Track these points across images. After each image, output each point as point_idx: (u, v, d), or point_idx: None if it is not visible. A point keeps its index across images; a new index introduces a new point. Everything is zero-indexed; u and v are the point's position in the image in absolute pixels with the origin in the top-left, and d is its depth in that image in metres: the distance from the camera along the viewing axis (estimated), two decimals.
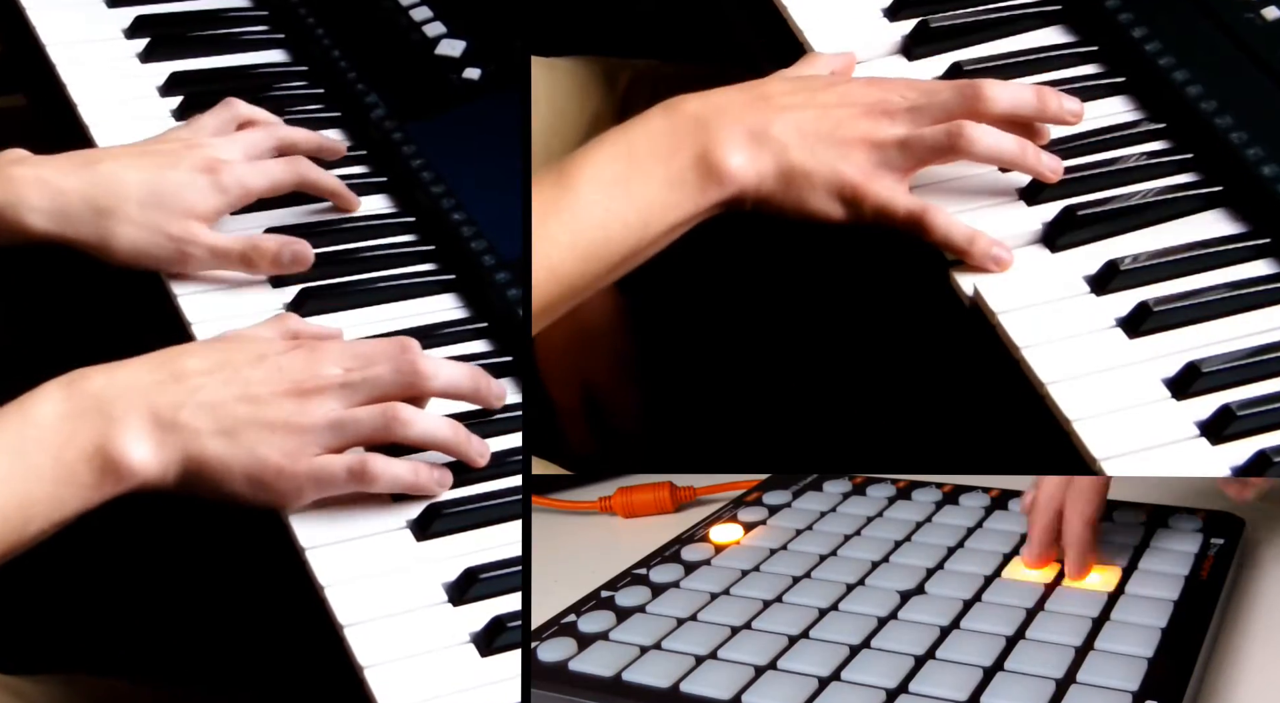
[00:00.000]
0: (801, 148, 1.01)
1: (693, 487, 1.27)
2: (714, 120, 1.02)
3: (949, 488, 1.20)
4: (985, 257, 1.02)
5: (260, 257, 1.08)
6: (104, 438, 0.92)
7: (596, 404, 1.34)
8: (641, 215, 1.00)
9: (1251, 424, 0.94)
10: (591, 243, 0.99)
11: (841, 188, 1.02)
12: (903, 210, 1.02)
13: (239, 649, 1.12)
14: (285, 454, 0.94)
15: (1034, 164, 1.05)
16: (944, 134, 1.02)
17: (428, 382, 0.98)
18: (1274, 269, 1.02)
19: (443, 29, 1.28)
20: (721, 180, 1.01)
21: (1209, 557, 1.05)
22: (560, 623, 0.95)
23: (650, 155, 1.01)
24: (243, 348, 0.98)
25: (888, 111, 1.03)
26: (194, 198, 1.08)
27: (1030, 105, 1.05)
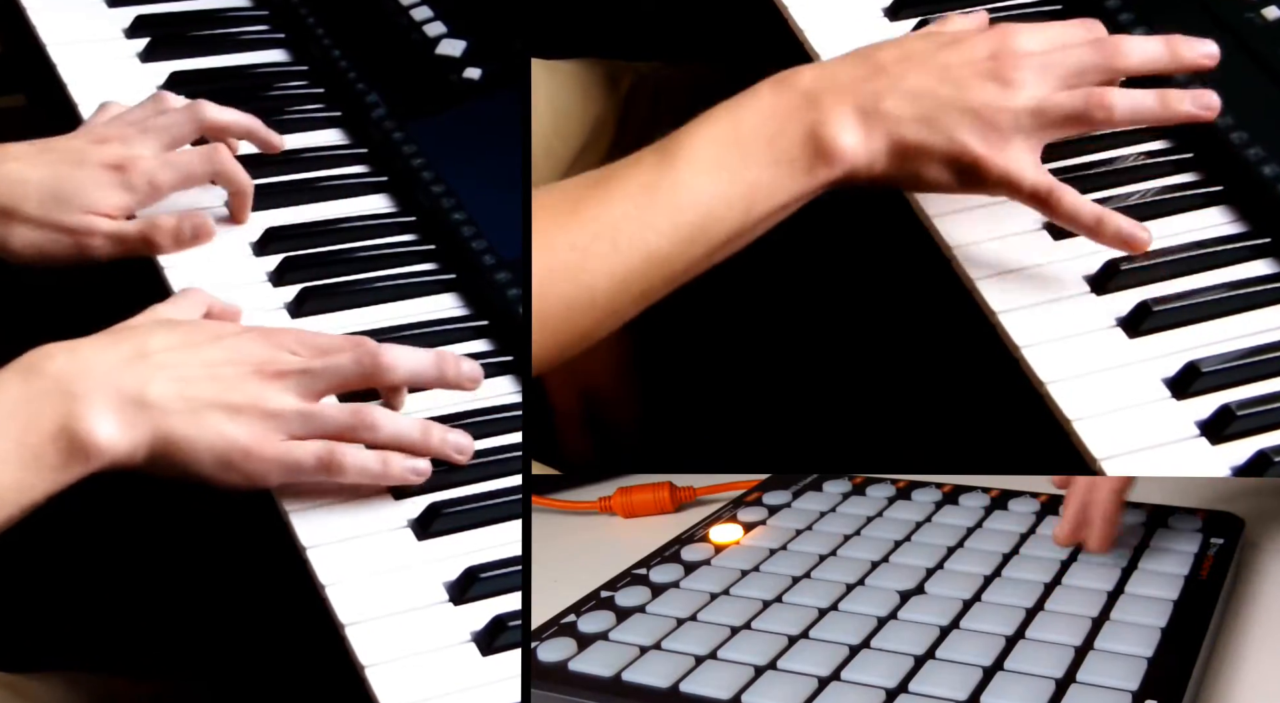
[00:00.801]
0: (918, 120, 0.97)
1: (693, 487, 1.27)
2: (824, 96, 0.98)
3: (949, 488, 1.20)
4: (1116, 237, 0.99)
5: (160, 234, 1.08)
6: (69, 417, 0.91)
7: (595, 409, 1.34)
8: (746, 197, 0.97)
9: (1251, 424, 0.94)
10: (693, 225, 0.96)
11: (961, 159, 0.98)
12: (1029, 184, 0.98)
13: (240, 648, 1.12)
14: (253, 436, 0.93)
15: (1185, 109, 1.01)
16: (1081, 101, 0.99)
17: (390, 372, 0.98)
18: (1274, 269, 1.03)
19: (443, 29, 1.28)
20: (831, 160, 0.97)
21: (1209, 557, 1.05)
22: (560, 623, 0.95)
23: (757, 134, 0.97)
24: (199, 326, 0.98)
25: (1016, 67, 0.98)
26: (97, 195, 1.07)
27: (1163, 56, 1.02)
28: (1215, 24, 1.12)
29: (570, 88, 1.33)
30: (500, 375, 1.05)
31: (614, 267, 0.95)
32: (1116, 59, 1.00)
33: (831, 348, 1.36)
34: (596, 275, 0.95)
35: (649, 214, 0.96)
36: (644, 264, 0.96)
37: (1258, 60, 1.10)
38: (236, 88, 1.25)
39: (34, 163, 1.08)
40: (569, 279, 0.95)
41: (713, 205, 0.96)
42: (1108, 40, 1.01)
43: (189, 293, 1.04)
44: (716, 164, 0.97)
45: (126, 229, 1.08)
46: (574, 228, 0.95)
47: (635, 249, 0.95)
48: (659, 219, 0.96)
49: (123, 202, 1.08)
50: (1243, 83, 1.09)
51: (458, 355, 1.01)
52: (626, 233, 0.95)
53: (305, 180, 1.17)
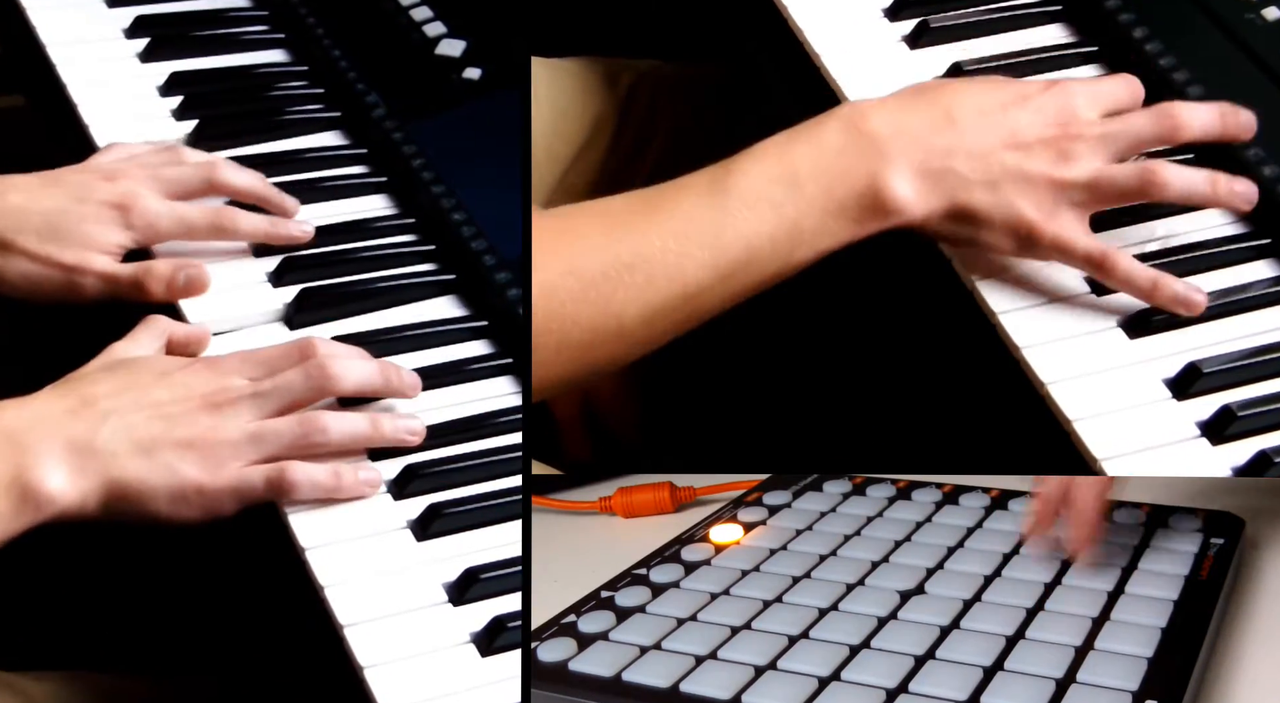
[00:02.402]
0: (981, 186, 0.97)
1: (693, 487, 1.27)
2: (890, 145, 0.96)
3: (949, 488, 1.20)
4: (1172, 301, 0.98)
5: (153, 282, 1.07)
6: (19, 469, 0.92)
7: (595, 410, 1.34)
8: (792, 239, 0.95)
9: (1252, 424, 0.94)
10: (733, 262, 0.95)
11: (1018, 228, 0.97)
12: (1082, 251, 0.98)
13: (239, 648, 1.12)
14: (205, 470, 0.94)
15: (1229, 198, 1.01)
16: (1135, 177, 0.99)
17: (338, 383, 0.98)
18: (1274, 271, 1.03)
19: (443, 29, 1.28)
20: (886, 214, 0.96)
21: (1209, 557, 1.05)
22: (560, 623, 0.95)
23: (814, 178, 0.95)
24: (144, 367, 0.98)
25: (1077, 138, 0.98)
26: (96, 232, 1.07)
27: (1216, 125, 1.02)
28: (1215, 24, 1.12)
29: (569, 86, 1.33)
30: (500, 376, 1.05)
31: (647, 298, 0.94)
32: (1177, 133, 1.01)
33: (831, 348, 1.36)
34: (627, 305, 0.94)
35: (691, 247, 0.94)
36: (679, 297, 0.95)
37: (1258, 60, 1.10)
38: (236, 88, 1.25)
39: (37, 196, 1.07)
40: (597, 307, 0.94)
41: (756, 244, 0.95)
42: (1166, 112, 1.00)
43: (147, 324, 1.03)
44: (768, 202, 0.95)
45: (120, 272, 1.07)
46: (608, 255, 0.94)
47: (671, 282, 0.94)
48: (700, 254, 0.94)
49: (121, 240, 1.08)
50: (1243, 83, 1.09)
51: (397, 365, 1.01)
52: (663, 265, 0.94)
53: (305, 181, 1.17)
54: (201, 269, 1.08)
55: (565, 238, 0.95)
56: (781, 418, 1.37)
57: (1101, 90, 1.02)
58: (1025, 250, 0.99)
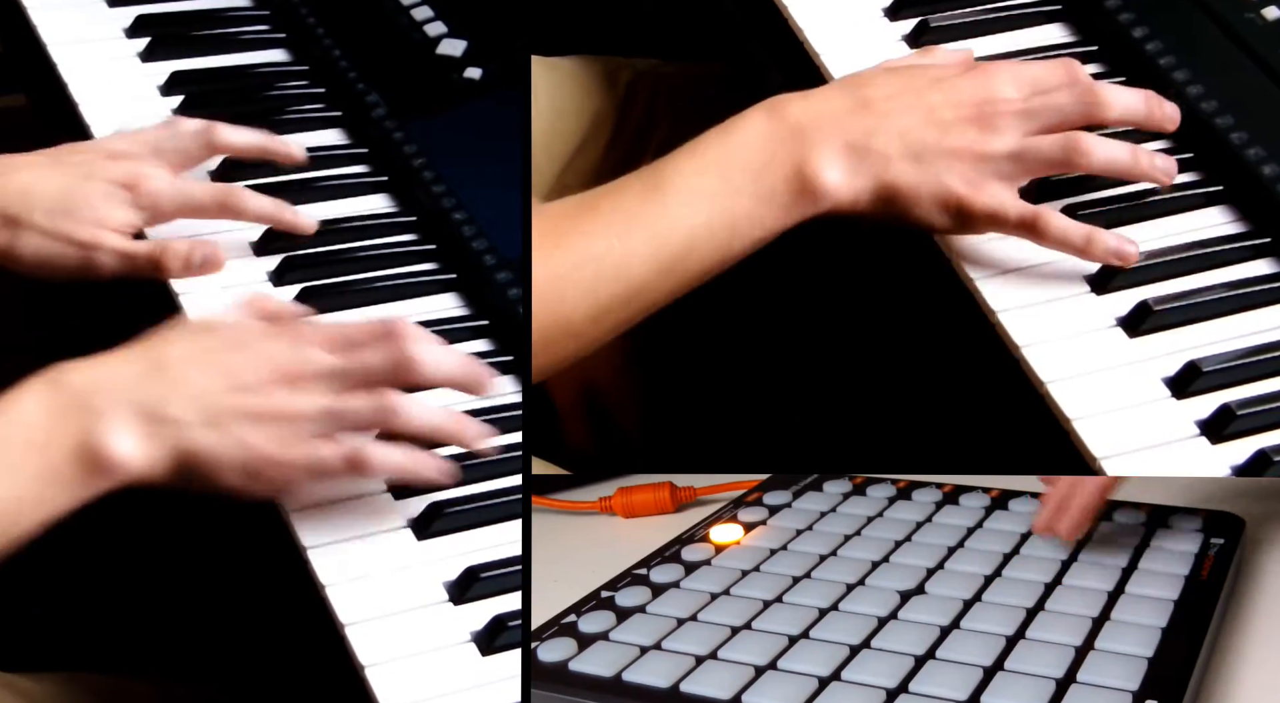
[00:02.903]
0: (904, 161, 0.98)
1: (693, 487, 1.27)
2: (812, 131, 0.98)
3: (949, 488, 1.20)
4: (1107, 253, 1.00)
5: (170, 258, 1.07)
6: (88, 434, 0.90)
7: (597, 404, 1.34)
8: (729, 228, 0.97)
9: (1251, 423, 0.94)
10: (674, 255, 0.97)
11: (947, 200, 0.99)
12: (1014, 217, 0.99)
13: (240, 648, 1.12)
14: (277, 443, 0.92)
15: (1149, 171, 1.02)
16: (1059, 147, 1.00)
17: (420, 368, 0.96)
18: (1274, 269, 1.03)
19: (443, 29, 1.28)
20: (815, 197, 0.98)
21: (1209, 557, 1.05)
22: (560, 623, 0.95)
23: (743, 167, 0.97)
24: (224, 335, 0.96)
25: (998, 113, 0.99)
26: (104, 210, 1.06)
27: (1139, 111, 1.04)
28: (1215, 24, 1.12)
29: (569, 85, 1.33)
30: (500, 375, 1.04)
31: (595, 297, 0.96)
32: (1096, 109, 1.02)
33: (831, 348, 1.36)
34: (575, 306, 0.96)
35: (631, 243, 0.96)
36: (624, 294, 0.96)
37: (1258, 60, 1.10)
38: (236, 88, 1.25)
39: (43, 174, 1.07)
40: (546, 309, 0.96)
41: (695, 235, 0.97)
42: (1090, 88, 1.02)
43: (250, 298, 1.02)
44: (701, 194, 0.97)
45: (136, 248, 1.06)
46: (555, 257, 0.96)
47: (617, 280, 0.96)
48: (642, 248, 0.96)
49: (129, 219, 1.07)
50: (1243, 83, 1.09)
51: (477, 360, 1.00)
52: (609, 263, 0.96)
53: (305, 180, 1.17)
54: (215, 248, 1.08)
55: None
56: (781, 418, 1.37)
57: (1025, 72, 1.02)
58: (959, 225, 1.00)
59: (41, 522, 0.91)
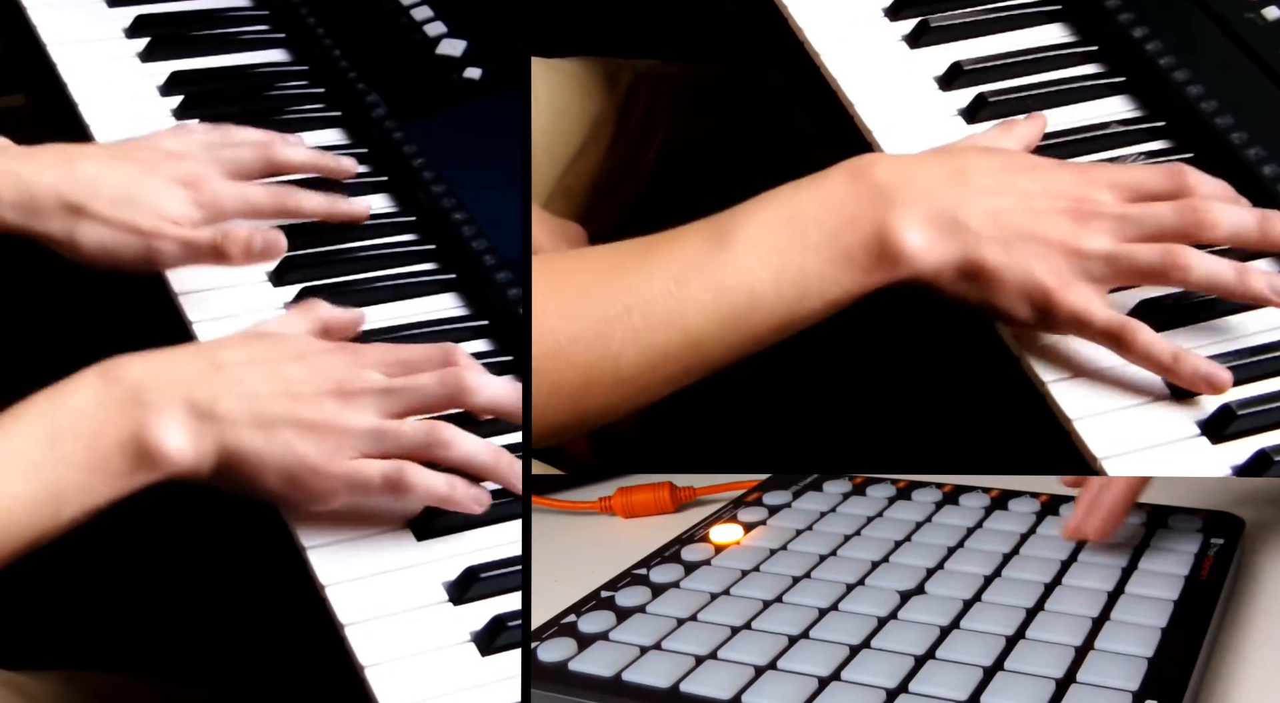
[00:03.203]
0: (995, 241, 0.93)
1: (693, 487, 1.27)
2: (900, 194, 0.94)
3: (949, 488, 1.20)
4: (1194, 377, 0.94)
5: (232, 245, 1.07)
6: (139, 426, 0.91)
7: None
8: (797, 287, 0.93)
9: (1252, 423, 0.94)
10: (734, 308, 0.93)
11: (1034, 292, 0.94)
12: (1100, 323, 0.94)
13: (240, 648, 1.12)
14: (322, 454, 0.93)
15: (1259, 291, 0.96)
16: (1157, 258, 0.94)
17: (472, 396, 0.96)
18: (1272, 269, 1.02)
19: (443, 29, 1.28)
20: (895, 264, 0.93)
21: (1209, 557, 1.04)
22: (560, 623, 0.95)
23: (819, 224, 0.93)
24: (282, 344, 0.97)
25: (1095, 213, 0.95)
26: (166, 203, 1.07)
27: (1252, 233, 0.97)
28: (1215, 24, 1.12)
29: (569, 86, 1.33)
30: (500, 375, 1.04)
31: (646, 341, 0.93)
32: (1203, 230, 0.96)
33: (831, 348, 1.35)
34: (625, 347, 0.92)
35: (690, 290, 0.92)
36: (679, 343, 0.93)
37: (1258, 60, 1.10)
38: (236, 88, 1.25)
39: (107, 165, 1.08)
40: (595, 349, 0.92)
41: (760, 290, 0.93)
42: (1196, 207, 0.96)
43: (304, 306, 1.03)
44: (770, 248, 0.93)
45: (198, 236, 1.07)
46: (607, 297, 0.93)
47: (672, 327, 0.92)
48: (700, 297, 0.92)
49: (190, 214, 1.08)
50: (1243, 83, 1.09)
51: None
52: (663, 308, 0.92)
53: (305, 180, 1.17)
54: (278, 234, 1.08)
55: (563, 278, 0.94)
56: (781, 418, 1.37)
57: (1127, 176, 0.98)
58: (1041, 320, 0.95)
59: (86, 511, 0.91)
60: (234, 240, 1.07)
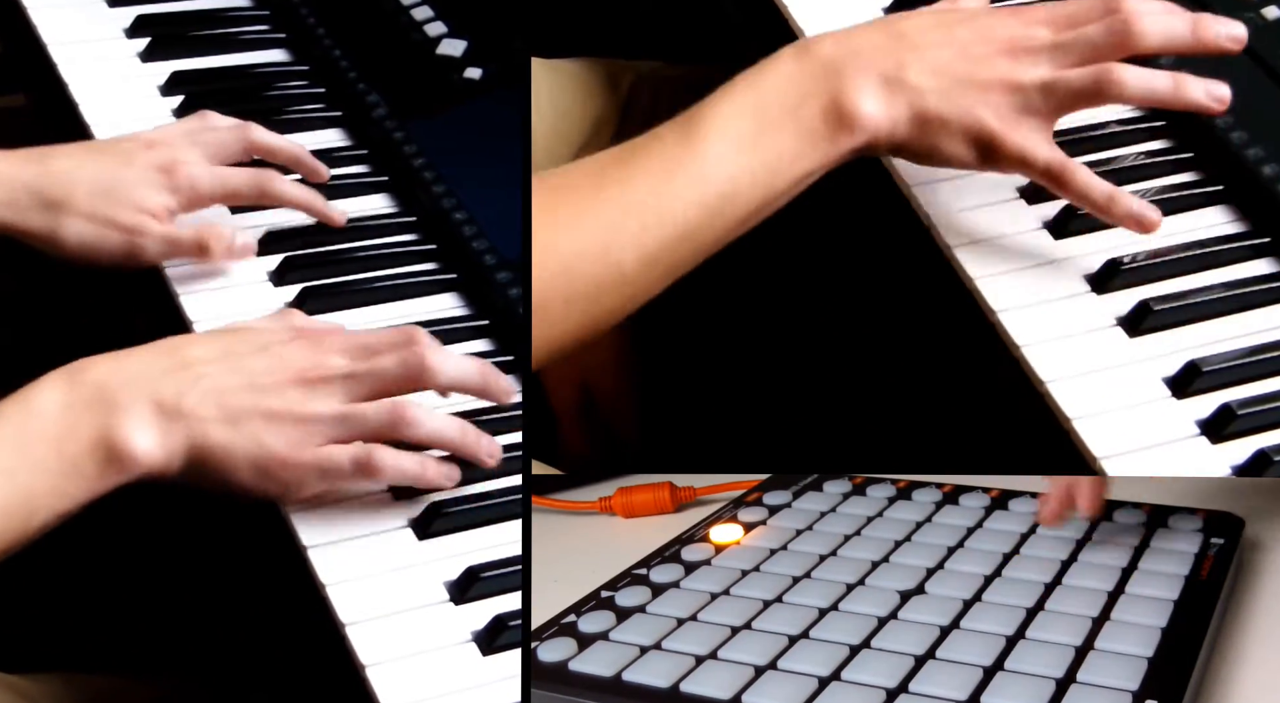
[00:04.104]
0: (937, 91, 0.98)
1: (693, 487, 1.27)
2: (846, 65, 0.98)
3: (949, 488, 1.20)
4: (1127, 216, 1.00)
5: (216, 242, 1.08)
6: (107, 427, 0.92)
7: (595, 407, 1.34)
8: (770, 167, 0.97)
9: (1252, 423, 0.94)
10: (720, 197, 0.96)
11: (979, 134, 0.99)
12: (1042, 162, 0.99)
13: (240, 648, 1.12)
14: (290, 443, 0.93)
15: (1196, 98, 1.01)
16: (1090, 78, 0.99)
17: (434, 376, 0.97)
18: (1274, 268, 1.03)
19: (443, 29, 1.28)
20: (854, 128, 0.98)
21: (1209, 557, 1.05)
22: (560, 623, 0.95)
23: (780, 105, 0.98)
24: (246, 338, 0.98)
25: (1029, 49, 0.99)
26: (145, 194, 1.07)
27: (1184, 38, 1.01)
28: None
29: (570, 88, 1.33)
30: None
31: (644, 243, 0.96)
32: (1131, 39, 1.00)
33: (831, 348, 1.36)
34: (625, 252, 0.95)
35: (676, 187, 0.96)
36: (673, 239, 0.96)
37: (1258, 60, 1.10)
38: (237, 88, 1.25)
39: (82, 160, 1.08)
40: (598, 259, 0.95)
41: (738, 175, 0.97)
42: (1126, 16, 1.00)
43: (281, 315, 1.04)
44: (740, 135, 0.97)
45: (180, 233, 1.08)
46: (599, 207, 0.96)
47: (664, 224, 0.96)
48: (686, 192, 0.96)
49: (167, 202, 1.08)
50: (1243, 83, 1.09)
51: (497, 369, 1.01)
52: (654, 208, 0.96)
53: (305, 180, 1.17)
54: (252, 239, 1.09)
55: (560, 195, 0.97)
56: (781, 418, 1.37)
57: (1060, 9, 1.02)
58: (986, 161, 1.00)
59: (58, 514, 0.92)
60: (217, 238, 1.08)
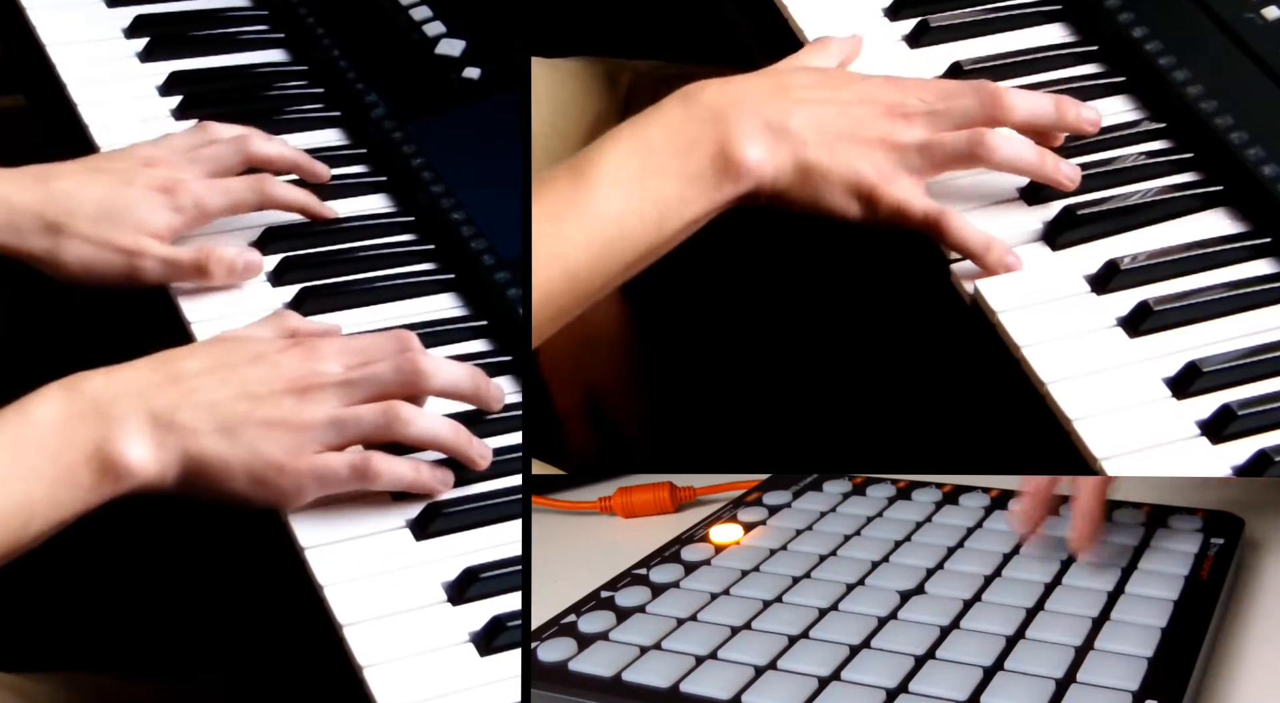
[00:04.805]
0: (820, 144, 1.00)
1: (693, 487, 1.27)
2: (731, 112, 1.00)
3: (949, 488, 1.20)
4: (999, 264, 1.02)
5: (215, 265, 1.08)
6: (103, 439, 0.92)
7: (599, 407, 1.34)
8: (658, 211, 0.99)
9: (1252, 424, 0.94)
10: (607, 241, 0.98)
11: (859, 187, 1.01)
12: (919, 212, 1.01)
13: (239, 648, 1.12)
14: (286, 451, 0.94)
15: (1052, 173, 1.04)
16: (964, 141, 1.02)
17: (428, 381, 0.98)
18: (1274, 269, 1.03)
19: (442, 28, 1.28)
20: (739, 175, 1.00)
21: (1209, 557, 1.04)
22: (560, 623, 0.95)
23: (666, 150, 0.99)
24: (240, 348, 0.98)
25: (906, 113, 1.02)
26: (147, 215, 1.07)
27: (1048, 115, 1.05)
28: (1215, 24, 1.12)
29: (569, 86, 1.33)
30: (499, 375, 1.05)
31: (537, 281, 0.97)
32: (999, 112, 1.04)
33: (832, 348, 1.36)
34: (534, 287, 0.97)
35: (565, 229, 0.98)
36: (561, 282, 0.98)
37: (1258, 60, 1.10)
38: (235, 88, 1.25)
39: (84, 181, 1.08)
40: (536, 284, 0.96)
41: (625, 220, 0.98)
42: (995, 92, 1.04)
43: (275, 316, 1.04)
44: (628, 179, 0.99)
45: (180, 255, 1.08)
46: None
47: (553, 267, 0.97)
48: (575, 235, 0.98)
49: (171, 223, 1.08)
50: (1243, 83, 1.09)
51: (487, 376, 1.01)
52: (544, 251, 0.97)
53: (304, 180, 1.17)
54: (258, 256, 1.10)
55: None
56: (781, 418, 1.37)
57: (935, 85, 1.06)
58: (868, 213, 1.02)
59: (54, 524, 0.92)
60: (217, 260, 1.08)
